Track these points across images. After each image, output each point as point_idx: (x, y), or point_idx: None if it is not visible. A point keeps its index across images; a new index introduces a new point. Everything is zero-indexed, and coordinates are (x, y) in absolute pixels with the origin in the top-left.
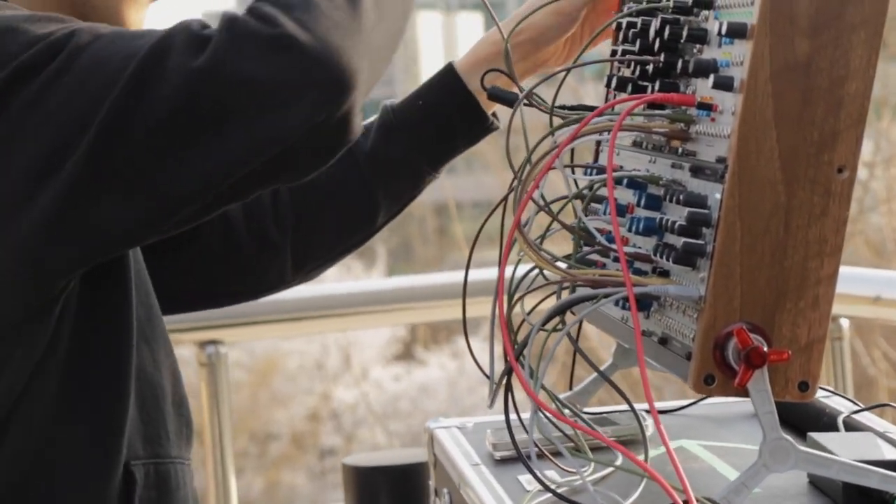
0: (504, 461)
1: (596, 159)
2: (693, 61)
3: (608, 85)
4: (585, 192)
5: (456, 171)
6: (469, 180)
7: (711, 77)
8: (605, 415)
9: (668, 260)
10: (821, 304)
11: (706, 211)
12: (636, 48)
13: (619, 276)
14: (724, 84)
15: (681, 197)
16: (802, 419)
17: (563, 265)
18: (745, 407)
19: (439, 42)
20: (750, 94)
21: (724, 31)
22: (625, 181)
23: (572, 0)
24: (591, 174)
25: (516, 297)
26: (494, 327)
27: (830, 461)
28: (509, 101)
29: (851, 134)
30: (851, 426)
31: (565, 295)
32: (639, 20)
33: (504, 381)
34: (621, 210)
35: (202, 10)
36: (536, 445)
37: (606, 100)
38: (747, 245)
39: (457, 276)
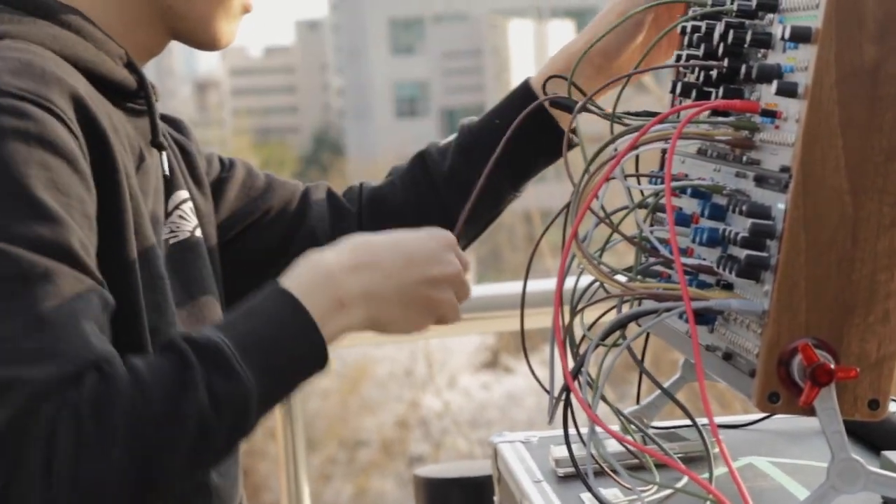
0: (567, 478)
1: (661, 168)
2: (756, 66)
3: (672, 91)
4: (649, 201)
5: (545, 179)
6: (557, 187)
7: (775, 83)
8: (672, 430)
9: (731, 272)
10: (891, 319)
11: (770, 222)
12: (700, 53)
13: (679, 290)
14: (788, 90)
15: (744, 207)
16: (880, 437)
17: (622, 278)
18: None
19: (531, 49)
20: (815, 101)
21: (787, 35)
22: (688, 191)
23: (635, 6)
24: (655, 183)
25: (577, 309)
26: (554, 341)
27: None
28: (568, 108)
29: None
30: None
31: (626, 308)
32: (703, 24)
33: (563, 397)
34: (686, 220)
35: (293, 18)
36: (597, 462)
37: (672, 106)
38: (813, 257)
39: (545, 285)
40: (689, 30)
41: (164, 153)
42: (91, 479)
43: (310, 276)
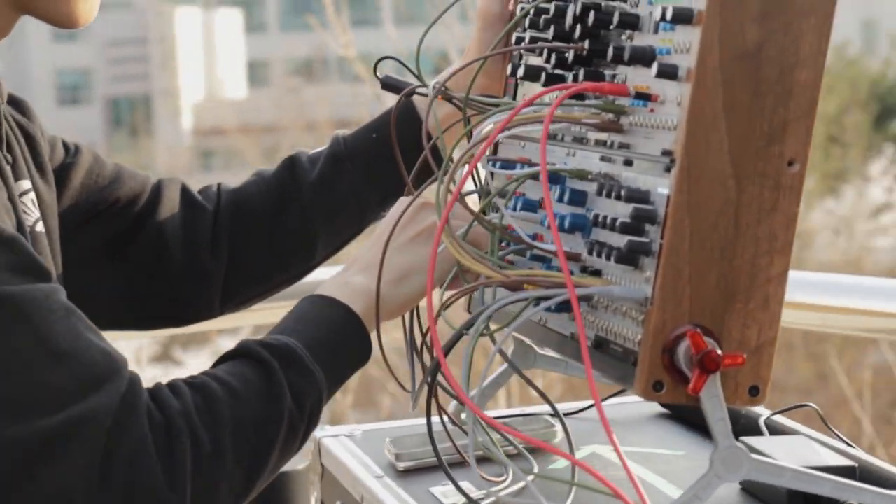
0: (408, 472)
1: (494, 153)
2: (629, 49)
3: (513, 74)
4: (493, 187)
5: None
6: None
7: (655, 65)
8: (507, 419)
9: (607, 259)
10: (771, 305)
11: (651, 207)
12: (550, 35)
13: (556, 277)
14: (669, 72)
15: (621, 192)
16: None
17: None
18: (646, 408)
19: (198, 38)
20: (699, 84)
21: (668, 16)
22: (537, 177)
23: (487, 1)
24: (492, 167)
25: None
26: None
27: (783, 469)
28: (401, 89)
29: (802, 125)
30: (775, 429)
31: (488, 294)
32: (552, 6)
33: (428, 383)
34: (533, 206)
35: None
36: (459, 453)
37: (511, 89)
38: (696, 243)
39: None
40: (532, 12)
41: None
42: (210, 492)
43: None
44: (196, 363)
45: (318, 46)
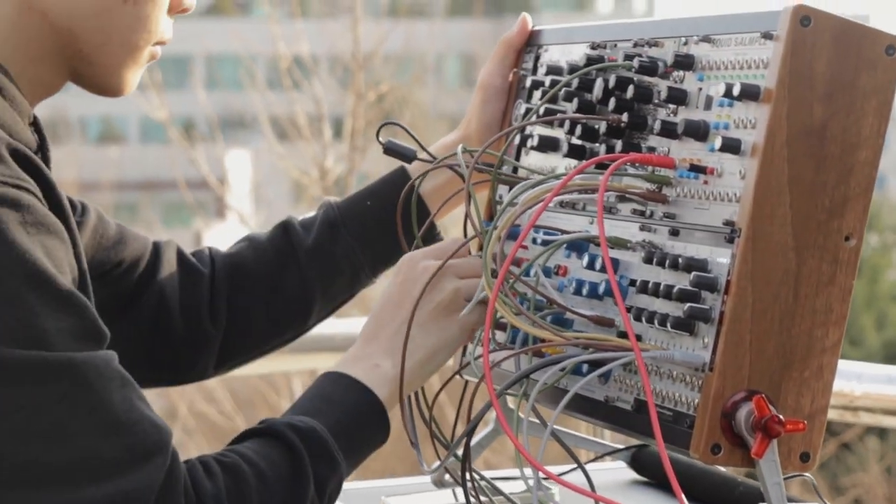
0: None
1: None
2: (683, 122)
3: (522, 144)
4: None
5: None
6: None
7: (719, 139)
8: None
9: (660, 325)
10: (825, 374)
11: (711, 275)
12: (573, 107)
13: (614, 341)
14: (732, 146)
15: (678, 261)
16: (709, 490)
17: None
18: (625, 474)
19: None
20: (766, 158)
21: (734, 92)
22: (563, 245)
23: (489, 73)
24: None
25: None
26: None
27: None
28: (405, 155)
29: (860, 202)
30: None
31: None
32: (576, 80)
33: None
34: (548, 273)
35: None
36: None
37: (511, 158)
38: (758, 312)
39: None
40: (546, 85)
41: None
42: None
43: (351, 360)
44: None
45: (59, 107)
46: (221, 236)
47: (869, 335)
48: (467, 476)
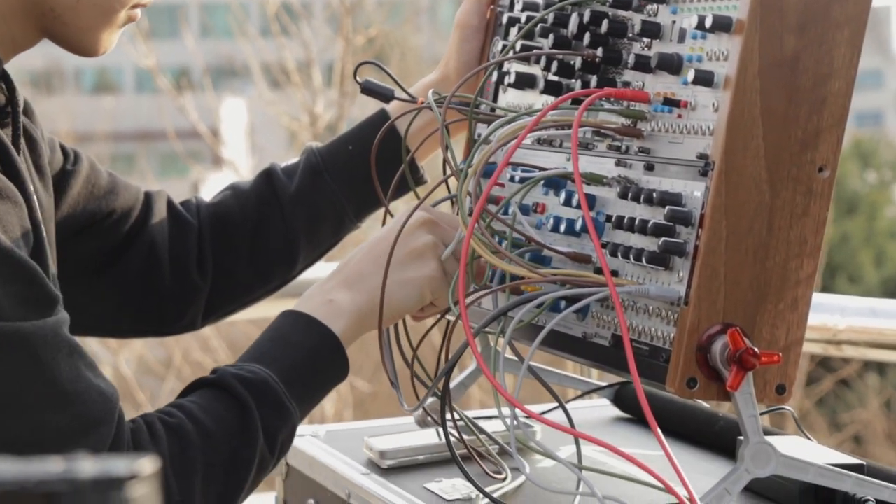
0: (392, 470)
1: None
2: (656, 56)
3: (500, 82)
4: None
5: None
6: None
7: (692, 72)
8: (479, 420)
9: (636, 259)
10: (799, 306)
11: (685, 209)
12: (548, 43)
13: (591, 277)
14: (705, 79)
15: (653, 195)
16: (690, 425)
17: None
18: (607, 411)
19: None
20: (739, 90)
21: (706, 24)
22: (541, 181)
23: (465, 11)
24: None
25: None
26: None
27: (808, 466)
28: (383, 95)
29: (833, 133)
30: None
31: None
32: (551, 15)
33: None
34: (525, 210)
35: None
36: (467, 447)
37: (490, 97)
38: (732, 245)
39: None
40: (521, 21)
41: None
42: None
43: (309, 296)
44: None
45: (54, 58)
46: (219, 185)
47: (867, 272)
48: (448, 416)
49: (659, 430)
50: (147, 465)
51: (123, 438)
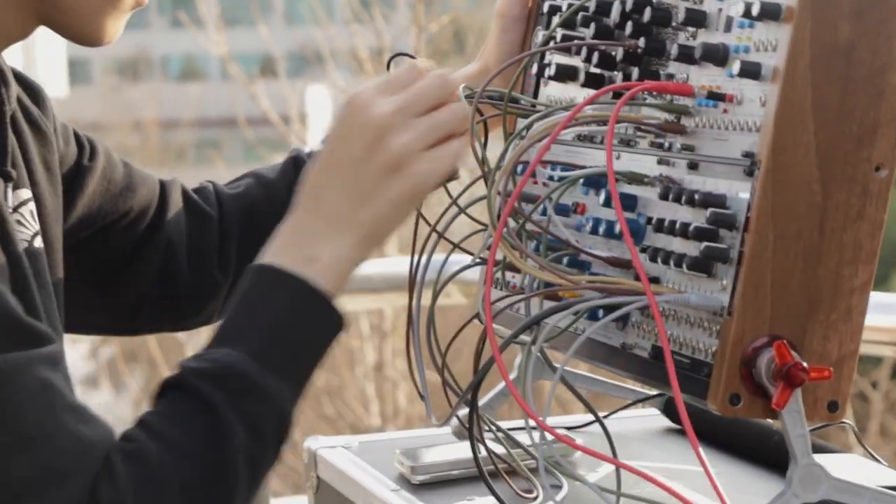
0: (424, 486)
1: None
2: (700, 46)
3: (540, 74)
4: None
5: None
6: None
7: (737, 63)
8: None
9: (676, 266)
10: (853, 316)
11: (729, 211)
12: (589, 33)
13: (627, 284)
14: (751, 71)
15: (694, 196)
16: (742, 440)
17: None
18: (655, 422)
19: None
20: (788, 83)
21: (753, 12)
22: (581, 181)
23: (506, 1)
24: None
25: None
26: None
27: (863, 489)
28: None
29: (891, 129)
30: (815, 447)
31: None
32: (593, 3)
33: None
34: (565, 210)
35: None
36: (495, 464)
37: (531, 90)
38: (780, 250)
39: None
40: (563, 10)
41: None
42: None
43: (283, 247)
44: None
45: (141, 46)
46: None
47: None
48: (482, 427)
49: (700, 450)
50: None
51: (99, 495)
